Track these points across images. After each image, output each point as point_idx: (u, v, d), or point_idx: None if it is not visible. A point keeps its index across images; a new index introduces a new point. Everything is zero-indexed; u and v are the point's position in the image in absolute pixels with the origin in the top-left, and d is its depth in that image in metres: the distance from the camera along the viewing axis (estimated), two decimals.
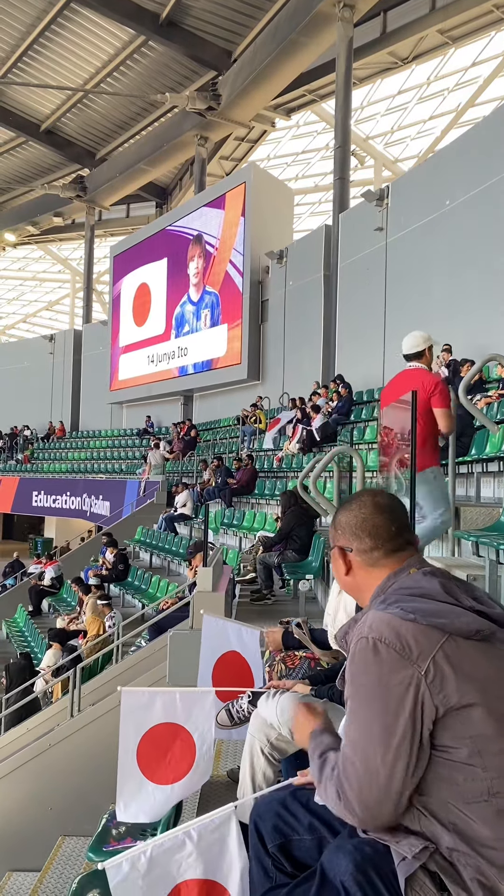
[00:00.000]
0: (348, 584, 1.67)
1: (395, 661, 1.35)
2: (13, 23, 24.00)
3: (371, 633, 1.40)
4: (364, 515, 1.65)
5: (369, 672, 1.37)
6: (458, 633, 1.38)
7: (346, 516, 1.68)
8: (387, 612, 1.42)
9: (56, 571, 15.17)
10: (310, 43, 18.82)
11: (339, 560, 1.67)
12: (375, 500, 1.68)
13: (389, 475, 6.86)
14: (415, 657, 1.35)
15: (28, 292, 42.80)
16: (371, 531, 1.62)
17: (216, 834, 1.79)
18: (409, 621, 1.38)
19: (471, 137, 13.78)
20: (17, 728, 7.35)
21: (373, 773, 1.33)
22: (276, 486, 12.42)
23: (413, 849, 1.36)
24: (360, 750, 1.36)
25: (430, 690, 1.33)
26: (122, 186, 28.78)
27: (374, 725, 1.34)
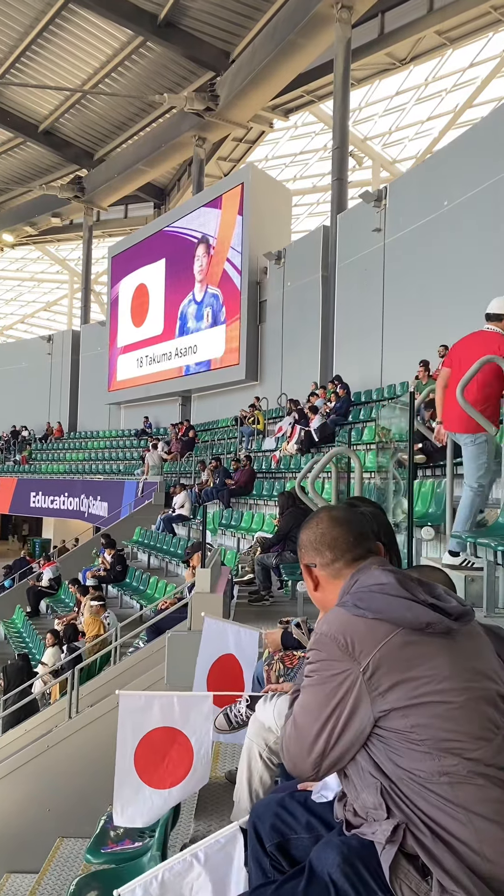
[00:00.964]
0: (318, 599, 1.75)
1: (337, 656, 1.46)
2: (11, 23, 23.99)
3: (323, 627, 1.51)
4: (322, 530, 1.74)
5: (318, 659, 1.50)
6: (408, 626, 1.45)
7: (306, 534, 1.77)
8: (341, 608, 1.52)
9: (54, 572, 15.17)
10: (308, 44, 18.83)
11: (307, 578, 1.76)
12: (331, 514, 1.78)
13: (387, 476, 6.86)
14: (356, 654, 1.44)
15: (26, 293, 42.78)
16: (330, 544, 1.71)
17: (222, 853, 1.83)
18: (358, 617, 1.47)
19: (469, 138, 13.80)
20: (16, 729, 7.35)
21: (301, 735, 1.51)
22: (275, 487, 12.42)
23: (385, 833, 1.42)
24: (299, 715, 1.53)
25: (367, 686, 1.43)
26: (120, 187, 28.78)
27: (311, 703, 1.50)
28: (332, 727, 1.46)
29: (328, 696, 1.46)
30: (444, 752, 1.39)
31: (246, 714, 2.76)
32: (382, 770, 1.45)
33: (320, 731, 1.47)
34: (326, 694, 1.46)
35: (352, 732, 1.46)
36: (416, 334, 13.91)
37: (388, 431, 7.65)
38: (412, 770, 1.41)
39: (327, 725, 1.46)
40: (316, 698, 1.48)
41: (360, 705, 1.43)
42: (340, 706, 1.45)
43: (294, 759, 1.54)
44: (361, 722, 1.44)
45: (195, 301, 22.57)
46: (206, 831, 3.07)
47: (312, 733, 1.48)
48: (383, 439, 8.07)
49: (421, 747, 1.40)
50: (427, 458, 7.87)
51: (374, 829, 1.45)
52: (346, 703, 1.44)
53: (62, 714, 6.49)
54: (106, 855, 3.15)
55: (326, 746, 1.48)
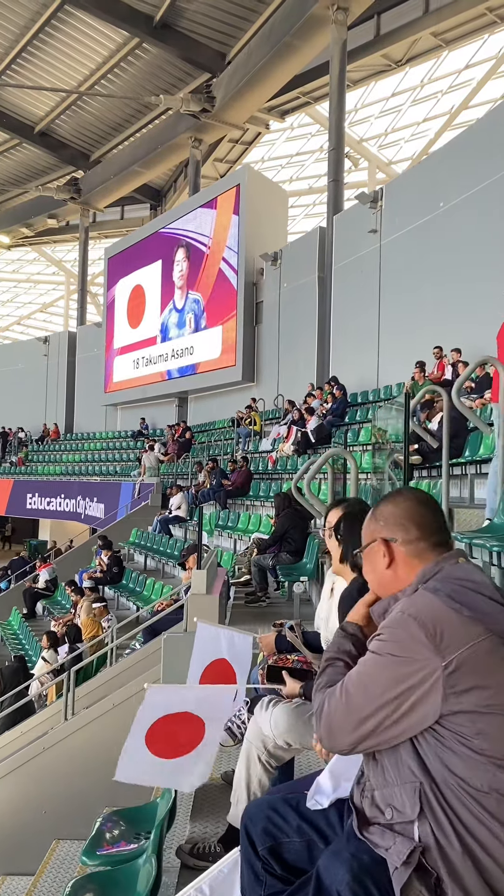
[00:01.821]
0: (386, 577, 1.65)
1: (421, 643, 1.39)
2: (7, 24, 23.96)
3: (411, 609, 1.44)
4: (408, 506, 1.66)
5: (397, 640, 1.42)
6: (498, 634, 1.40)
7: (388, 508, 1.68)
8: (433, 596, 1.46)
9: (50, 574, 15.16)
10: (304, 45, 18.85)
11: (379, 553, 1.65)
12: (416, 494, 1.71)
13: (383, 477, 6.88)
14: (443, 647, 1.38)
15: (22, 294, 42.74)
16: (418, 521, 1.63)
17: (227, 882, 1.83)
18: (454, 610, 1.42)
19: (464, 140, 13.83)
20: (11, 731, 7.34)
21: (352, 710, 1.45)
22: (271, 488, 12.42)
23: (400, 856, 1.37)
24: (354, 688, 1.46)
25: (445, 682, 1.37)
26: (116, 188, 28.76)
27: (376, 680, 1.43)
28: (391, 711, 1.40)
29: (398, 679, 1.40)
30: (502, 769, 1.35)
31: (248, 719, 2.76)
32: (427, 768, 1.40)
33: (375, 712, 1.42)
34: (396, 676, 1.40)
35: (409, 722, 1.40)
36: (412, 335, 13.93)
37: (385, 432, 7.68)
38: (463, 776, 1.37)
39: (386, 708, 1.40)
40: (382, 677, 1.42)
41: (429, 699, 1.38)
42: (407, 693, 1.39)
43: (334, 731, 1.48)
44: (424, 715, 1.39)
45: (176, 309, 22.60)
46: (202, 833, 3.08)
47: (366, 712, 1.42)
48: (379, 440, 8.09)
49: (479, 757, 1.36)
50: (423, 459, 7.88)
51: (389, 846, 1.41)
52: (415, 692, 1.38)
53: (58, 716, 6.49)
54: (102, 857, 3.15)
55: (376, 728, 1.42)
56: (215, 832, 3.05)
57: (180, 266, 22.34)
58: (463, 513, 5.34)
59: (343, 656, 1.66)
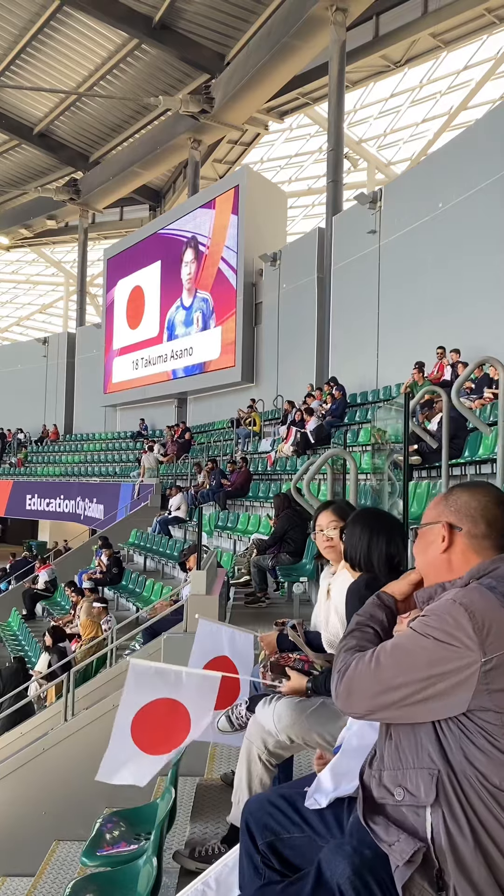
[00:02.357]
0: (438, 561, 1.63)
1: (467, 633, 1.38)
2: (6, 26, 23.97)
3: (464, 599, 1.43)
4: (487, 502, 1.63)
5: (443, 625, 1.41)
6: None
7: (465, 497, 1.65)
8: (489, 592, 1.45)
9: (50, 575, 15.14)
10: (303, 46, 18.86)
11: (439, 535, 1.63)
12: (499, 494, 1.68)
13: (383, 478, 6.87)
14: (487, 642, 1.37)
15: (21, 295, 42.73)
16: (490, 519, 1.61)
17: (232, 876, 1.83)
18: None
19: (463, 140, 13.84)
20: (11, 732, 7.33)
21: (380, 677, 1.45)
22: (270, 489, 12.41)
23: (403, 856, 1.37)
24: (385, 659, 1.46)
25: (481, 677, 1.36)
26: (115, 189, 28.77)
27: (411, 656, 1.43)
28: (417, 690, 1.40)
29: (435, 660, 1.39)
30: None
31: (247, 716, 2.76)
32: (447, 758, 1.40)
33: (401, 686, 1.41)
34: (433, 659, 1.39)
35: (431, 706, 1.40)
36: (411, 336, 13.94)
37: (384, 433, 7.67)
38: (483, 771, 1.37)
39: (413, 685, 1.40)
40: (419, 655, 1.41)
41: (460, 689, 1.37)
42: (439, 678, 1.38)
43: (353, 692, 1.48)
44: (449, 704, 1.39)
45: (183, 307, 22.58)
46: (202, 834, 3.08)
47: (394, 682, 1.42)
48: (379, 441, 8.08)
49: (502, 755, 1.36)
50: (422, 460, 7.88)
51: (392, 842, 1.41)
52: (447, 679, 1.38)
53: (58, 717, 6.49)
54: (102, 857, 3.15)
55: (396, 702, 1.42)
56: (215, 833, 3.05)
57: (189, 267, 22.31)
58: None
59: (374, 624, 1.65)
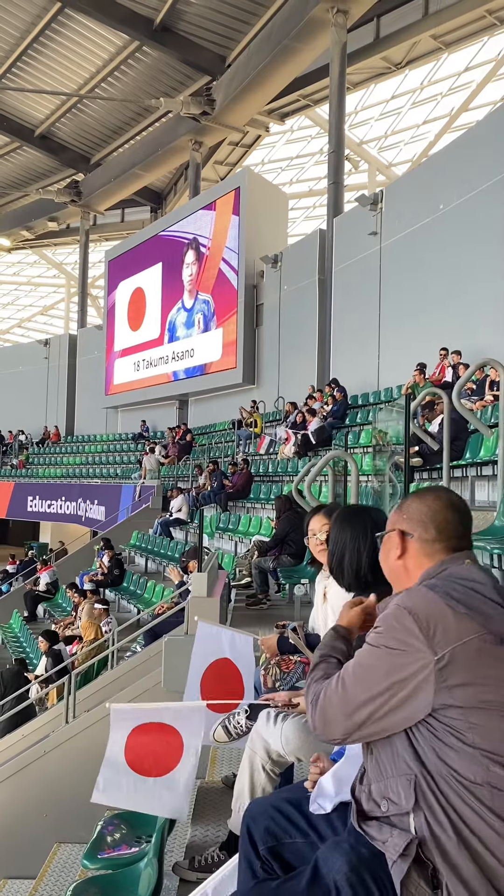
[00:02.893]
0: (396, 567, 1.68)
1: (416, 636, 1.42)
2: (7, 28, 24.01)
3: (407, 603, 1.47)
4: (437, 508, 1.68)
5: (391, 632, 1.45)
6: (494, 632, 1.42)
7: (417, 504, 1.70)
8: (431, 592, 1.48)
9: (51, 576, 15.15)
10: (304, 48, 18.86)
11: (394, 543, 1.68)
12: (450, 497, 1.73)
13: (384, 479, 6.88)
14: (435, 642, 1.40)
15: (23, 297, 42.77)
16: (440, 524, 1.65)
17: (230, 885, 1.84)
18: (449, 607, 1.44)
19: (464, 142, 13.84)
20: (12, 734, 7.33)
21: (347, 699, 1.48)
22: (272, 491, 12.41)
23: (397, 849, 1.39)
24: (351, 678, 1.50)
25: (436, 676, 1.39)
26: (116, 191, 28.80)
27: (370, 670, 1.47)
28: (383, 702, 1.43)
29: (390, 670, 1.43)
30: (494, 762, 1.37)
31: (246, 725, 2.73)
32: (422, 760, 1.42)
33: (368, 702, 1.44)
34: (389, 668, 1.43)
35: (401, 714, 1.43)
36: (412, 337, 13.93)
37: (385, 434, 7.67)
38: (456, 768, 1.38)
39: (378, 699, 1.43)
40: (377, 667, 1.45)
41: (421, 692, 1.40)
42: (400, 685, 1.41)
43: (327, 719, 1.51)
44: (416, 708, 1.41)
45: (185, 308, 22.59)
46: (203, 837, 3.07)
47: (359, 700, 1.45)
48: (380, 442, 8.08)
49: (472, 750, 1.38)
50: (423, 461, 7.88)
51: (385, 839, 1.42)
52: (407, 685, 1.41)
53: (59, 719, 6.48)
54: (103, 860, 3.15)
55: (368, 719, 1.45)
56: (216, 836, 3.04)
57: (190, 269, 22.32)
58: None
59: (336, 654, 1.69)
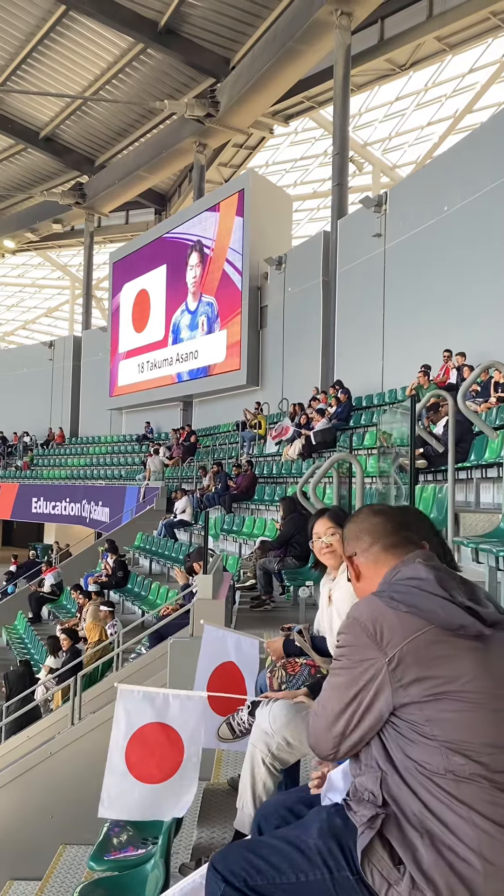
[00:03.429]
0: (361, 590, 1.77)
1: (365, 643, 1.50)
2: (12, 31, 24.10)
3: (355, 613, 1.55)
4: (361, 519, 1.81)
5: (347, 644, 1.55)
6: (440, 625, 1.47)
7: (348, 527, 1.83)
8: (375, 597, 1.56)
9: (56, 578, 15.16)
10: (308, 50, 18.88)
11: (350, 570, 1.80)
12: (371, 508, 1.86)
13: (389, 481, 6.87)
14: (384, 644, 1.47)
15: (27, 299, 42.85)
16: (368, 530, 1.77)
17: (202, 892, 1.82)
18: (391, 609, 1.50)
19: (468, 143, 13.84)
20: (18, 736, 7.35)
21: (325, 715, 1.58)
22: (276, 492, 12.42)
23: (363, 818, 1.47)
24: (324, 697, 1.61)
25: (390, 677, 1.46)
26: (121, 193, 28.85)
27: (338, 684, 1.56)
28: (354, 710, 1.52)
29: (353, 679, 1.51)
30: (453, 752, 1.43)
31: (249, 722, 2.76)
32: (391, 757, 1.50)
33: (342, 713, 1.53)
34: (352, 678, 1.51)
35: (371, 718, 1.51)
36: (416, 339, 13.93)
37: (390, 436, 7.67)
38: (420, 762, 1.45)
39: (349, 708, 1.52)
40: (342, 681, 1.54)
41: (381, 694, 1.48)
42: (364, 691, 1.50)
43: (316, 736, 1.62)
44: (381, 709, 1.49)
45: (189, 310, 22.62)
46: (209, 838, 3.08)
47: (335, 713, 1.55)
48: (384, 444, 8.08)
49: (432, 742, 1.44)
50: (428, 463, 7.87)
51: (359, 810, 1.50)
52: (369, 690, 1.49)
53: (65, 720, 6.49)
54: (109, 862, 3.15)
55: (346, 728, 1.54)
56: (222, 838, 3.05)
57: (194, 271, 22.36)
58: (469, 517, 5.33)
59: None
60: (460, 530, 5.17)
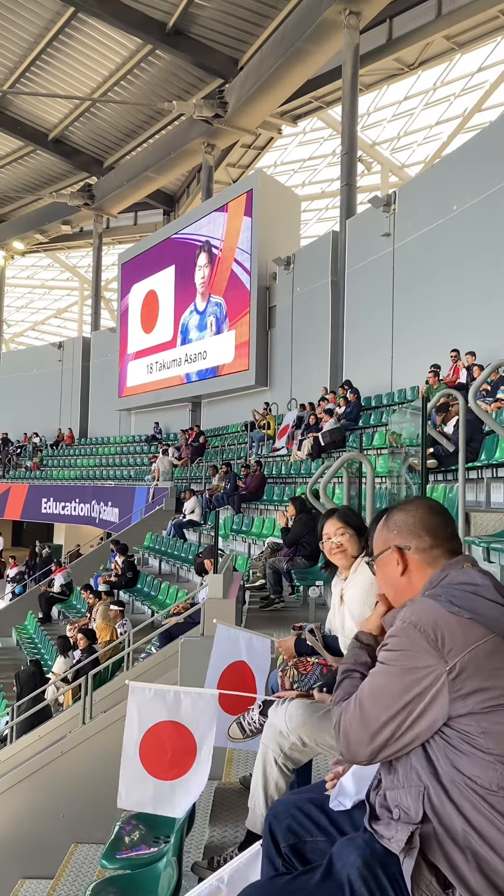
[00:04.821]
0: (400, 585, 1.68)
1: (424, 649, 1.42)
2: (21, 33, 24.18)
3: (412, 617, 1.47)
4: (422, 515, 1.70)
5: (401, 648, 1.46)
6: (499, 635, 1.42)
7: (402, 516, 1.71)
8: (433, 601, 1.49)
9: (66, 578, 15.21)
10: (316, 50, 18.87)
11: (393, 561, 1.68)
12: (428, 503, 1.76)
13: (399, 481, 6.86)
14: (445, 651, 1.40)
15: (37, 300, 42.99)
16: (431, 529, 1.67)
17: (245, 875, 1.85)
18: (453, 614, 1.44)
19: (477, 142, 13.80)
20: (29, 735, 7.37)
21: (367, 721, 1.48)
22: (285, 492, 12.42)
23: (400, 843, 1.41)
24: (367, 699, 1.50)
25: (450, 686, 1.39)
26: (129, 194, 28.91)
27: (385, 690, 1.46)
28: (403, 719, 1.43)
29: (406, 687, 1.43)
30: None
31: (259, 721, 2.76)
32: (436, 770, 1.43)
33: (389, 721, 1.45)
34: (405, 685, 1.43)
35: (420, 727, 1.43)
36: (426, 338, 13.90)
37: (399, 436, 7.65)
38: (471, 776, 1.39)
39: (398, 717, 1.44)
40: (392, 687, 1.45)
41: (436, 703, 1.40)
42: (416, 700, 1.42)
43: (352, 743, 1.51)
44: (434, 719, 1.42)
45: (197, 311, 22.64)
46: (221, 837, 3.08)
47: (380, 721, 1.46)
48: (394, 444, 8.07)
49: (486, 756, 1.38)
50: (438, 463, 7.85)
51: (392, 835, 1.43)
52: (424, 698, 1.41)
53: (75, 720, 6.51)
54: (121, 860, 3.16)
55: (391, 737, 1.45)
56: (234, 837, 3.05)
57: (202, 272, 22.38)
58: (479, 517, 5.32)
59: (359, 668, 1.68)
60: (471, 530, 5.16)
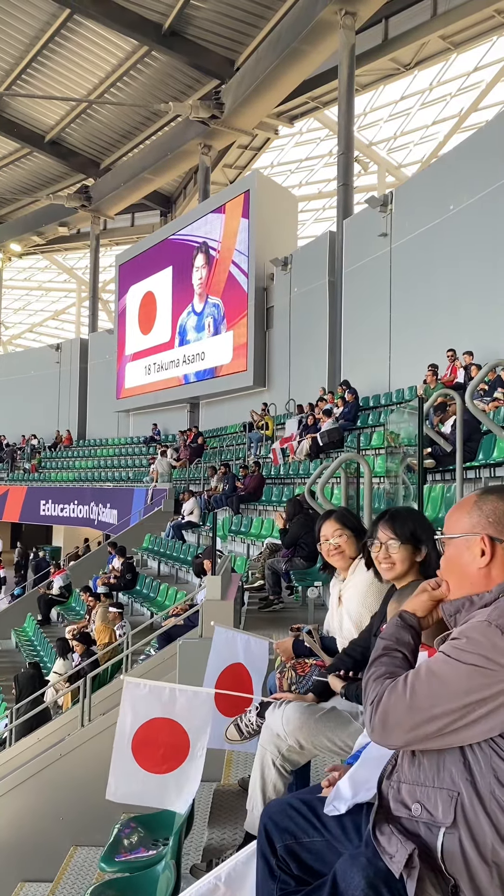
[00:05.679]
0: (473, 575, 1.57)
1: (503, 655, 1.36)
2: (17, 35, 24.17)
3: (500, 621, 1.40)
4: None
5: (479, 648, 1.38)
6: None
7: (497, 504, 1.59)
8: None
9: (64, 580, 15.19)
10: (312, 50, 18.88)
11: (477, 548, 1.56)
12: None
13: (397, 481, 6.86)
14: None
15: (34, 302, 42.98)
16: None
17: (242, 874, 1.84)
18: None
19: (474, 142, 13.81)
20: (28, 738, 7.36)
21: (416, 709, 1.40)
22: (284, 493, 12.42)
23: (399, 865, 1.37)
24: (423, 687, 1.41)
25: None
26: (126, 196, 28.91)
27: (447, 684, 1.39)
28: (457, 718, 1.37)
29: (473, 688, 1.36)
30: None
31: (257, 723, 2.76)
32: (473, 776, 1.38)
33: (442, 716, 1.38)
34: (472, 685, 1.36)
35: (473, 732, 1.37)
36: (423, 338, 13.91)
37: (397, 436, 7.66)
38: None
39: (452, 714, 1.37)
40: (457, 684, 1.37)
41: (498, 713, 1.35)
42: (479, 704, 1.35)
43: (390, 725, 1.43)
44: (491, 727, 1.36)
45: (194, 312, 22.64)
46: (220, 839, 3.08)
47: (431, 714, 1.38)
48: (392, 444, 8.07)
49: None
50: (436, 463, 7.86)
51: (392, 852, 1.40)
52: (487, 704, 1.35)
53: (74, 722, 6.50)
54: (120, 863, 3.16)
55: (437, 732, 1.39)
56: (233, 839, 3.05)
57: (200, 273, 22.38)
58: None
59: (402, 648, 1.60)
60: None
